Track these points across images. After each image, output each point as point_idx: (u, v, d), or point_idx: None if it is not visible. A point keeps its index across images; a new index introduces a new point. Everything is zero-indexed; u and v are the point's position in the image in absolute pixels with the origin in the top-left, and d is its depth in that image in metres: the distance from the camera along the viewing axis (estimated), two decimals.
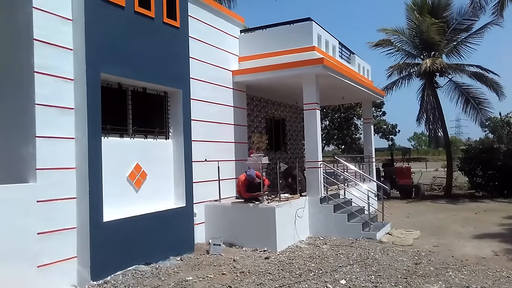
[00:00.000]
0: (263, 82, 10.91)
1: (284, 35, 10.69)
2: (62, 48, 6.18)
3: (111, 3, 6.67)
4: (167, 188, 8.14)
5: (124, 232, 6.75)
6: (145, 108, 7.86)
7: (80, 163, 6.26)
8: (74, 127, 6.28)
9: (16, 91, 5.93)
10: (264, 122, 13.16)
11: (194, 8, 8.97)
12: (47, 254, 5.79)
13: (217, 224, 8.97)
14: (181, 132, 8.26)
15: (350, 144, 31.39)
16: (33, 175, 5.72)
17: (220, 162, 9.41)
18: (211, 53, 9.68)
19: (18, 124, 5.87)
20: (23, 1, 5.83)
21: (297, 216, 9.19)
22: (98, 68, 6.45)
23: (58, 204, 6.00)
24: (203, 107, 9.24)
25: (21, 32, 5.87)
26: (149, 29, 7.45)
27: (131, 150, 7.41)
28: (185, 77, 8.36)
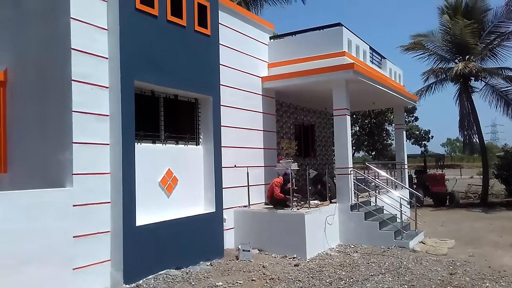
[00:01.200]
0: (293, 88, 10.89)
1: (314, 40, 10.65)
2: (98, 57, 6.38)
3: (145, 12, 6.84)
4: (197, 193, 8.23)
5: (156, 237, 6.87)
6: (177, 114, 8.00)
7: (114, 168, 6.43)
8: (109, 134, 6.47)
9: (55, 98, 6.17)
10: (293, 128, 13.12)
11: (224, 16, 9.09)
12: (82, 257, 5.95)
13: (246, 230, 8.98)
14: (211, 138, 8.35)
15: (381, 151, 30.80)
16: (70, 180, 5.91)
17: (249, 168, 9.44)
18: (241, 60, 9.77)
19: (56, 130, 6.10)
20: (61, 12, 6.07)
21: (327, 223, 9.09)
22: (132, 76, 6.62)
23: (93, 208, 6.17)
24: (233, 114, 9.31)
25: (60, 41, 6.11)
26: (181, 37, 7.59)
27: (163, 156, 7.54)
28: (216, 84, 8.47)
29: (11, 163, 6.64)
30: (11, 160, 6.64)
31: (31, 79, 6.50)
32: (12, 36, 6.76)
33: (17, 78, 6.66)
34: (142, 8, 6.78)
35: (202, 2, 8.05)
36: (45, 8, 6.33)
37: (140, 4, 6.74)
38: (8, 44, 6.81)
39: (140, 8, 6.74)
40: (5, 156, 6.66)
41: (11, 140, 6.66)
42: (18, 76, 6.66)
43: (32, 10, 6.51)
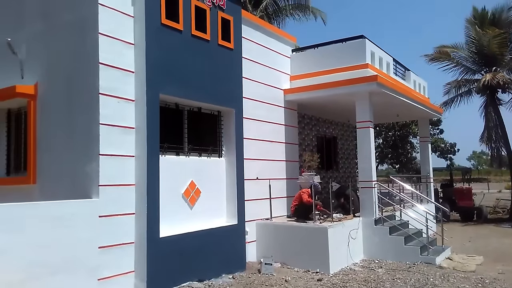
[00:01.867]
0: (315, 100, 10.87)
1: (336, 53, 10.64)
2: (125, 71, 6.54)
3: (170, 27, 6.99)
4: (220, 205, 8.25)
5: (179, 248, 6.90)
6: (200, 127, 8.09)
7: (139, 180, 6.53)
8: (135, 146, 6.58)
9: (83, 111, 6.34)
10: (315, 140, 13.05)
11: (247, 30, 9.20)
12: (107, 267, 6.03)
13: (269, 243, 8.93)
14: (234, 150, 8.39)
15: (405, 164, 30.28)
16: (96, 191, 6.03)
17: (271, 180, 9.43)
18: (263, 73, 9.84)
19: (84, 142, 6.25)
20: (90, 27, 6.27)
21: (350, 238, 8.95)
22: (157, 89, 6.74)
23: (118, 219, 6.26)
24: (255, 126, 9.35)
25: (88, 56, 6.29)
26: (205, 51, 7.71)
27: (186, 168, 7.62)
28: (238, 96, 8.53)
29: (40, 174, 6.83)
30: (40, 171, 6.83)
31: (60, 92, 6.71)
32: (43, 50, 7.00)
33: (47, 91, 6.88)
34: (167, 23, 6.93)
35: (226, 17, 8.17)
36: (75, 23, 6.55)
37: (165, 19, 6.90)
38: (39, 58, 7.05)
39: (165, 23, 6.90)
40: (35, 167, 6.85)
41: (41, 151, 6.85)
42: (48, 90, 6.88)
43: (63, 26, 6.74)
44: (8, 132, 7.65)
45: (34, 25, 7.16)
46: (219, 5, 8.02)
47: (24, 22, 7.36)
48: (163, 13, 6.86)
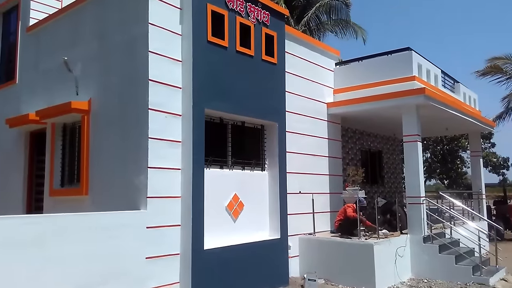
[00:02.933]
0: (359, 114, 10.72)
1: (382, 66, 10.47)
2: (172, 87, 6.78)
3: (216, 44, 7.19)
4: (262, 219, 8.26)
5: (222, 261, 6.96)
6: (243, 140, 8.19)
7: (184, 192, 6.68)
8: (181, 159, 6.77)
9: (133, 126, 6.61)
10: (360, 154, 12.82)
11: (290, 44, 9.27)
12: (153, 278, 6.18)
13: (312, 258, 8.80)
14: (277, 164, 8.40)
15: (455, 179, 29.02)
16: (144, 202, 6.24)
17: (314, 194, 9.33)
18: (306, 87, 9.84)
19: (134, 155, 6.50)
20: (141, 46, 6.57)
21: (397, 255, 8.65)
22: (203, 104, 6.92)
23: (164, 231, 6.43)
24: (298, 140, 9.34)
25: (139, 73, 6.58)
26: (249, 66, 7.84)
27: (229, 181, 7.71)
28: (281, 110, 8.58)
29: (92, 186, 7.15)
30: (92, 183, 7.16)
31: (112, 108, 7.04)
32: (98, 68, 7.40)
33: (100, 107, 7.24)
34: (213, 40, 7.13)
35: (270, 33, 8.29)
36: (127, 42, 6.89)
37: (211, 36, 7.10)
38: (93, 75, 7.45)
39: (211, 40, 7.10)
40: (87, 179, 7.19)
41: (93, 164, 7.19)
42: (100, 105, 7.24)
43: (115, 45, 7.11)
44: (63, 145, 8.10)
45: (89, 45, 7.60)
46: (263, 22, 8.16)
47: (80, 42, 7.82)
48: (209, 31, 7.07)
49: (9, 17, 10.28)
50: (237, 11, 7.64)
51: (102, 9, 7.51)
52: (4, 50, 10.29)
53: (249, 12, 7.89)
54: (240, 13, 7.70)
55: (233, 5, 7.56)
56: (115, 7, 7.26)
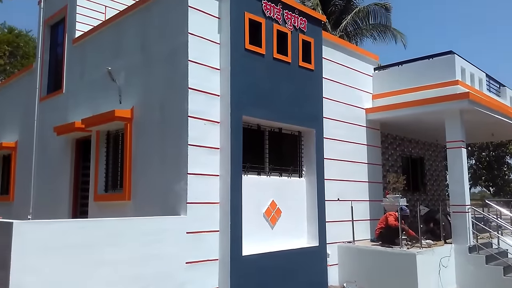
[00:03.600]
0: (399, 120, 10.47)
1: (422, 70, 10.20)
2: (211, 94, 6.90)
3: (253, 52, 7.27)
4: (300, 226, 8.20)
5: (260, 267, 6.96)
6: (280, 147, 8.19)
7: (223, 198, 6.76)
8: (219, 165, 6.86)
9: (173, 133, 6.77)
10: (400, 161, 12.50)
11: (328, 50, 9.21)
12: (193, 283, 6.27)
13: (351, 267, 8.64)
14: (314, 170, 8.34)
15: (501, 186, 27.70)
16: (184, 208, 6.36)
17: (353, 202, 9.18)
18: (344, 92, 9.74)
19: (174, 162, 6.66)
20: (181, 56, 6.74)
21: (441, 265, 8.34)
22: (241, 111, 7.00)
23: (204, 236, 6.52)
24: (336, 146, 9.23)
25: (179, 81, 6.75)
26: (286, 73, 7.86)
27: (267, 188, 7.72)
28: (319, 116, 8.53)
29: (134, 192, 7.37)
30: (134, 188, 7.38)
31: (153, 115, 7.24)
32: (140, 77, 7.65)
33: (142, 115, 7.47)
34: (251, 48, 7.21)
35: (307, 39, 8.28)
36: (168, 52, 7.08)
37: (249, 44, 7.19)
38: (136, 84, 7.71)
39: (249, 48, 7.19)
40: (130, 185, 7.41)
41: (135, 170, 7.41)
42: (142, 113, 7.47)
43: (157, 55, 7.33)
44: (107, 152, 8.40)
45: (132, 55, 7.87)
46: (300, 28, 8.17)
47: (123, 52, 8.12)
48: (246, 39, 7.16)
49: (56, 29, 10.83)
50: (274, 19, 7.70)
51: (143, 21, 7.78)
52: (52, 61, 10.82)
53: (286, 19, 7.93)
54: (277, 21, 7.75)
55: (270, 13, 7.62)
56: (156, 18, 7.49)
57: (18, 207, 10.63)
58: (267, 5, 7.58)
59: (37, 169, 10.01)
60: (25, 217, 9.22)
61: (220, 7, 7.17)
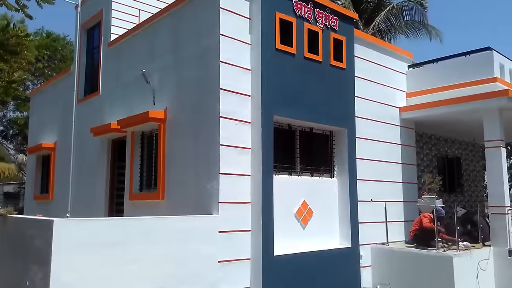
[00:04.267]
0: (435, 118, 10.17)
1: (459, 67, 9.87)
2: (242, 95, 6.94)
3: (284, 52, 7.25)
4: (332, 227, 8.12)
5: (292, 268, 6.94)
6: (311, 147, 8.14)
7: (254, 198, 6.79)
8: (250, 165, 6.89)
9: (205, 133, 6.86)
10: (436, 161, 12.15)
11: (360, 48, 9.07)
12: (225, 282, 6.34)
13: (385, 269, 8.48)
14: (346, 170, 8.24)
15: None
16: (216, 207, 6.43)
17: (386, 203, 9.00)
18: (376, 91, 9.56)
19: (206, 162, 6.74)
20: (213, 57, 6.82)
21: (479, 269, 8.06)
22: (272, 111, 7.01)
23: (235, 235, 6.57)
24: (369, 146, 9.08)
25: (211, 82, 6.83)
26: (317, 72, 7.80)
27: (298, 188, 7.69)
28: (350, 116, 8.41)
29: (168, 191, 7.51)
30: (168, 187, 7.52)
31: (186, 116, 7.36)
32: (173, 79, 7.79)
33: (175, 116, 7.60)
34: (281, 48, 7.21)
35: (338, 37, 8.19)
36: (200, 54, 7.18)
37: (280, 44, 7.18)
38: (169, 86, 7.86)
39: (280, 48, 7.18)
40: (163, 184, 7.56)
41: (169, 170, 7.55)
42: (175, 114, 7.60)
43: (189, 56, 7.44)
44: (141, 152, 8.60)
45: (165, 57, 8.03)
46: (331, 27, 8.09)
47: (156, 55, 8.29)
48: (277, 39, 7.16)
49: (92, 33, 11.18)
50: (305, 18, 7.65)
51: (176, 23, 7.91)
52: (88, 64, 11.18)
53: (317, 18, 7.87)
54: (308, 20, 7.70)
55: (301, 12, 7.58)
56: (188, 20, 7.61)
57: (57, 205, 11.05)
58: (298, 4, 7.55)
59: (75, 168, 10.34)
60: (64, 215, 9.54)
61: (251, 7, 7.20)
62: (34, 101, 14.32)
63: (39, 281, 5.16)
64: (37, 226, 5.64)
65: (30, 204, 12.95)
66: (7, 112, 26.14)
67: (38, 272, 5.22)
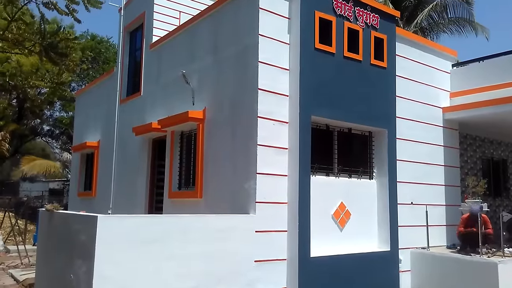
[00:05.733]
0: (480, 119, 9.76)
1: (505, 66, 9.39)
2: (280, 95, 6.94)
3: (323, 51, 7.18)
4: (370, 229, 7.97)
5: (329, 270, 6.87)
6: (350, 148, 8.01)
7: (291, 198, 6.77)
8: (287, 166, 6.87)
9: (243, 133, 6.90)
10: (480, 163, 11.65)
11: (401, 47, 8.83)
12: (261, 281, 6.36)
13: (425, 275, 8.22)
14: (386, 172, 8.05)
15: None
16: (253, 207, 6.46)
17: (428, 206, 8.72)
18: (418, 91, 9.28)
19: (244, 161, 6.78)
20: (251, 57, 6.86)
21: None
22: (309, 112, 6.95)
23: (272, 236, 6.57)
24: (410, 147, 8.83)
25: (249, 82, 6.87)
26: (356, 72, 7.67)
27: (335, 189, 7.59)
28: (391, 116, 8.22)
29: (206, 190, 7.62)
30: (206, 186, 7.63)
31: (224, 116, 7.44)
32: (212, 79, 7.89)
33: (213, 116, 7.70)
34: (320, 47, 7.14)
35: (379, 36, 8.02)
36: (239, 54, 7.23)
37: (319, 43, 7.11)
38: (208, 86, 7.97)
39: (319, 48, 7.12)
40: (202, 183, 7.68)
41: (207, 169, 7.66)
42: (214, 114, 7.70)
43: (228, 57, 7.52)
44: (180, 151, 8.77)
45: (204, 57, 8.15)
46: (372, 25, 7.93)
47: (196, 55, 8.43)
48: (316, 38, 7.10)
49: (135, 35, 11.51)
50: (345, 16, 7.55)
51: (216, 23, 8.01)
52: (131, 66, 11.53)
53: (358, 16, 7.73)
54: (348, 18, 7.59)
55: (341, 10, 7.48)
56: (227, 21, 7.69)
57: (100, 202, 11.47)
58: (338, 3, 7.45)
59: (117, 166, 10.71)
60: (106, 211, 9.92)
61: (290, 7, 7.18)
62: (79, 101, 14.93)
63: (83, 275, 5.38)
64: (82, 221, 5.88)
65: (74, 201, 13.52)
66: (53, 111, 27.39)
67: (82, 266, 5.44)
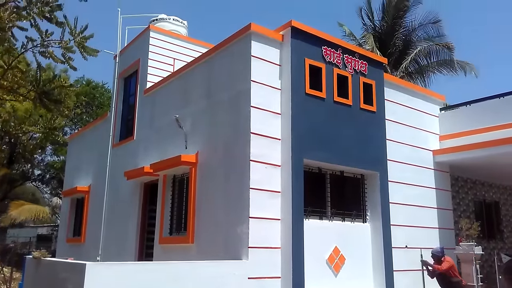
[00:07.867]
0: (471, 161, 9.87)
1: (493, 109, 9.66)
2: (272, 138, 7.02)
3: (314, 96, 7.37)
4: (365, 274, 7.82)
5: None
6: (342, 191, 8.02)
7: (284, 243, 6.67)
8: (280, 209, 6.83)
9: (236, 177, 6.90)
10: (473, 205, 11.65)
11: (390, 92, 9.07)
12: None
13: None
14: (379, 215, 8.03)
15: None
16: (245, 252, 6.35)
17: (422, 249, 8.61)
18: (408, 134, 9.43)
19: (236, 205, 6.74)
20: (244, 102, 6.99)
21: None
22: (302, 155, 7.02)
23: (265, 282, 6.42)
24: (402, 190, 8.85)
25: (242, 127, 6.97)
26: (347, 116, 7.83)
27: (329, 233, 7.52)
28: (382, 159, 8.30)
29: (197, 234, 7.50)
30: (198, 231, 7.51)
31: (217, 160, 7.46)
32: (205, 123, 7.99)
33: (206, 159, 7.72)
34: (311, 93, 7.33)
35: (367, 81, 8.26)
36: (231, 99, 7.38)
37: (309, 89, 7.31)
38: (201, 130, 8.05)
39: (309, 93, 7.31)
40: (193, 228, 7.56)
41: (199, 213, 7.58)
42: (207, 158, 7.72)
43: (221, 102, 7.66)
44: (172, 195, 8.69)
45: (198, 103, 8.28)
46: (360, 71, 8.18)
47: (189, 101, 8.57)
48: (307, 84, 7.30)
49: (129, 81, 11.71)
50: (334, 63, 7.80)
51: (209, 69, 8.22)
52: (124, 110, 11.64)
53: (346, 63, 7.99)
54: (337, 65, 7.84)
55: (330, 58, 7.74)
56: (221, 67, 7.90)
57: (88, 248, 11.18)
58: (327, 51, 7.72)
59: (107, 211, 10.54)
60: (95, 258, 9.65)
61: (281, 54, 7.43)
62: (72, 145, 14.91)
63: None
64: (70, 269, 5.73)
65: (63, 247, 13.17)
66: (45, 156, 27.23)
67: None
